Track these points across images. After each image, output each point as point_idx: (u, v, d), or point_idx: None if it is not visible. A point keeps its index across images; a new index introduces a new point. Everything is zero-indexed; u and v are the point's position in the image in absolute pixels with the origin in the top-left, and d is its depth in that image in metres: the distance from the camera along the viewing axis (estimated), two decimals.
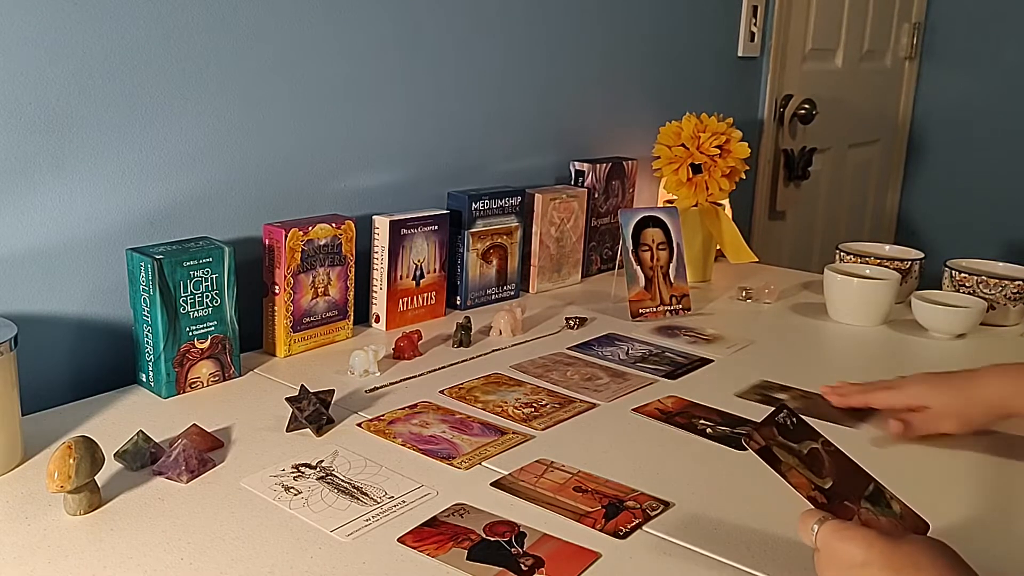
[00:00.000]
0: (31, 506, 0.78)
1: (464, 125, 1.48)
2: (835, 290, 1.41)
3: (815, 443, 0.69)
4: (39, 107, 0.98)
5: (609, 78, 1.77)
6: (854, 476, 0.69)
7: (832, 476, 0.68)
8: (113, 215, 1.06)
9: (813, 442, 0.69)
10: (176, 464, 0.83)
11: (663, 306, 1.40)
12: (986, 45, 2.88)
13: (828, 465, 0.68)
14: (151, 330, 1.01)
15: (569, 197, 1.54)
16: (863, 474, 0.69)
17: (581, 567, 0.71)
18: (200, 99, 1.12)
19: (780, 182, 2.39)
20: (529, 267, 1.52)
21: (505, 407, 1.02)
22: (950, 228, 3.00)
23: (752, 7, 2.11)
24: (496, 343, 1.25)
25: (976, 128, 2.94)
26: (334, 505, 0.79)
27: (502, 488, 0.83)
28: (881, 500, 0.68)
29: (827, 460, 0.68)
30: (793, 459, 0.67)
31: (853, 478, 0.68)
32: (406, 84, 1.37)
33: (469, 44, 1.46)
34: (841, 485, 0.67)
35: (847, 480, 0.68)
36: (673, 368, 1.18)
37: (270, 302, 1.15)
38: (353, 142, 1.32)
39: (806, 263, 2.55)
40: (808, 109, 2.35)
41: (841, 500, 0.66)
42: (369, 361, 1.10)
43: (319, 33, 1.24)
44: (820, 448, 0.69)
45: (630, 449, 0.93)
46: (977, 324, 1.35)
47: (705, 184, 1.57)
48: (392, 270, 1.28)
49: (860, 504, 0.66)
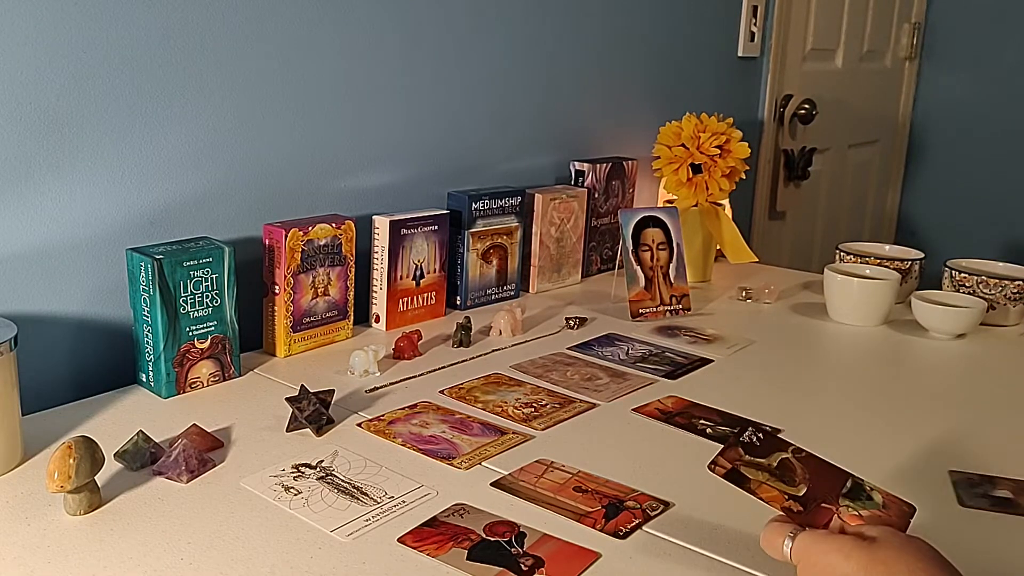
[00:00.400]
0: (31, 506, 0.78)
1: (464, 125, 1.49)
2: (835, 290, 1.41)
3: (784, 453, 0.69)
4: (39, 107, 0.98)
5: (609, 78, 1.77)
6: (829, 476, 0.68)
7: (806, 482, 0.67)
8: (113, 215, 1.06)
9: (783, 452, 0.69)
10: (176, 464, 0.83)
11: (663, 306, 1.40)
12: (986, 45, 2.88)
13: (800, 472, 0.68)
14: (151, 330, 1.01)
15: (569, 197, 1.54)
16: (839, 472, 0.68)
17: (581, 567, 0.71)
18: (200, 99, 1.12)
19: (780, 182, 2.39)
20: (529, 267, 1.52)
21: (505, 407, 1.02)
22: (950, 228, 3.00)
23: (752, 7, 2.11)
24: (496, 343, 1.25)
25: (976, 128, 2.94)
26: (334, 505, 0.79)
27: (502, 488, 0.83)
28: (861, 494, 0.67)
29: (799, 467, 0.68)
30: (763, 474, 0.67)
31: (829, 479, 0.68)
32: (406, 84, 1.37)
33: (469, 44, 1.46)
34: (817, 488, 0.67)
35: (823, 482, 0.67)
36: (673, 368, 1.18)
37: (270, 302, 1.15)
38: (353, 142, 1.32)
39: (806, 263, 2.55)
40: (808, 109, 2.35)
41: (819, 503, 0.66)
42: (369, 361, 1.10)
43: (319, 33, 1.24)
44: (791, 457, 0.69)
45: (630, 449, 0.93)
46: (977, 324, 1.35)
47: (705, 184, 1.57)
48: (392, 270, 1.28)
49: (839, 503, 0.66)
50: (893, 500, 0.68)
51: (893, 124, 3.01)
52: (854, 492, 0.67)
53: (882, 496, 0.68)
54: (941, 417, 1.05)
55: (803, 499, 0.66)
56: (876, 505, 0.67)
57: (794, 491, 0.66)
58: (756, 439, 0.69)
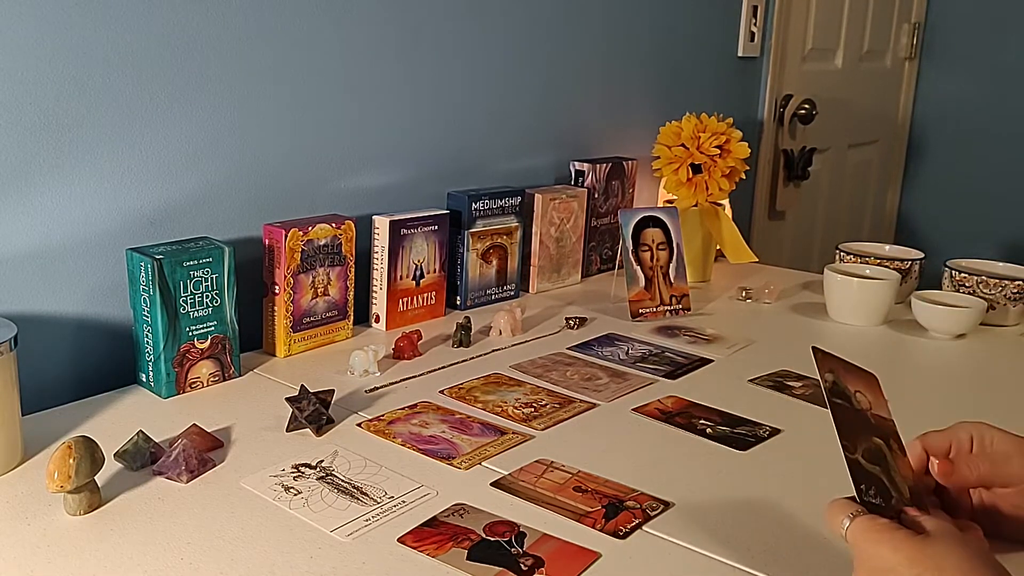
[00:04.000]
0: (31, 506, 0.78)
1: (464, 125, 1.49)
2: (835, 290, 1.41)
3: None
4: (39, 107, 0.98)
5: (609, 78, 1.77)
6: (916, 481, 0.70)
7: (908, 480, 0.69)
8: (113, 215, 1.06)
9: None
10: (176, 464, 0.83)
11: (663, 306, 1.40)
12: (986, 45, 2.88)
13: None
14: (151, 330, 1.01)
15: (569, 197, 1.54)
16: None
17: (581, 567, 0.71)
18: (200, 99, 1.12)
19: (780, 182, 2.39)
20: (529, 267, 1.52)
21: (505, 407, 1.02)
22: (950, 228, 3.00)
23: (752, 7, 2.11)
24: (496, 343, 1.25)
25: (976, 128, 2.94)
26: (334, 505, 0.79)
27: (502, 488, 0.83)
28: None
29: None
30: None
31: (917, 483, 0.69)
32: (406, 84, 1.37)
33: (469, 44, 1.46)
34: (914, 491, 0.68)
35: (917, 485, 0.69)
36: (673, 368, 1.18)
37: (270, 302, 1.15)
38: (353, 142, 1.32)
39: (806, 263, 2.54)
40: (808, 109, 2.35)
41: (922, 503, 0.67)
42: (369, 361, 1.10)
43: (319, 33, 1.24)
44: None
45: (630, 449, 0.93)
46: (977, 324, 1.35)
47: (705, 184, 1.57)
48: (392, 270, 1.28)
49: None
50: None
51: (893, 124, 3.01)
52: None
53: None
54: (941, 417, 1.05)
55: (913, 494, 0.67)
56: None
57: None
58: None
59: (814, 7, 2.37)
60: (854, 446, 0.66)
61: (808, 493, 0.85)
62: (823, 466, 0.91)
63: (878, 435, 0.69)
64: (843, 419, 0.67)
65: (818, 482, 0.85)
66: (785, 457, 0.93)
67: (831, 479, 0.88)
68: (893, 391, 1.14)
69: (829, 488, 0.69)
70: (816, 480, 0.87)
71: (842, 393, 0.70)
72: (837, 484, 0.87)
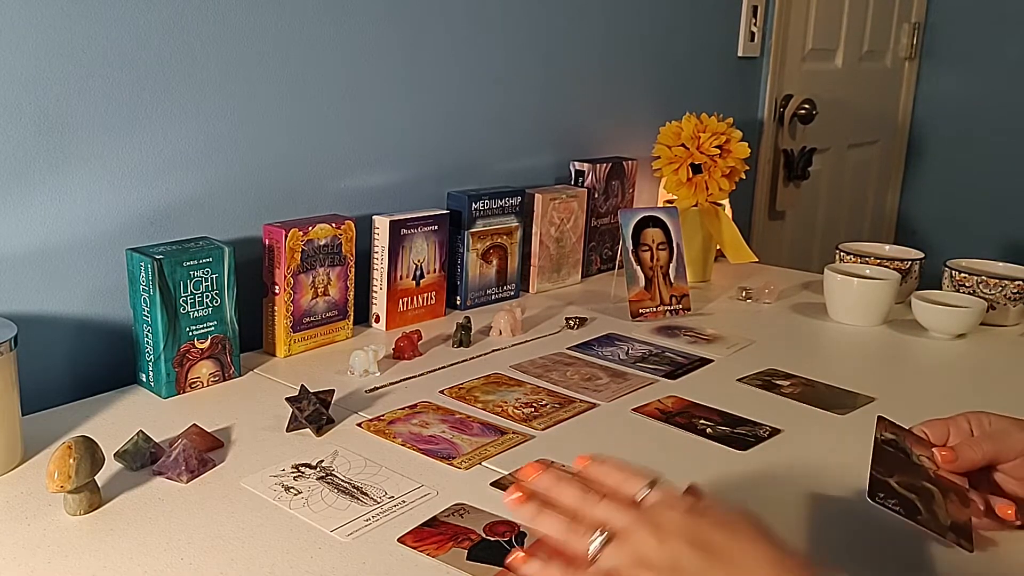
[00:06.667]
0: (31, 506, 0.78)
1: (464, 125, 1.48)
2: (835, 290, 1.41)
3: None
4: (38, 107, 0.98)
5: (609, 78, 1.77)
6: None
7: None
8: (113, 215, 1.06)
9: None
10: (176, 464, 0.83)
11: (663, 306, 1.40)
12: (986, 45, 2.88)
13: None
14: (151, 330, 1.01)
15: (569, 197, 1.54)
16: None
17: None
18: (200, 99, 1.12)
19: (780, 182, 2.39)
20: (529, 267, 1.52)
21: (505, 407, 1.02)
22: (950, 228, 3.00)
23: (752, 7, 2.11)
24: (496, 343, 1.25)
25: (976, 128, 2.94)
26: (334, 505, 0.79)
27: (502, 488, 0.83)
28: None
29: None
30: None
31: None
32: (406, 84, 1.37)
33: (469, 44, 1.46)
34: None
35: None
36: (673, 368, 1.18)
37: (270, 302, 1.15)
38: (353, 142, 1.32)
39: (806, 263, 2.54)
40: (808, 109, 2.35)
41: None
42: (369, 361, 1.10)
43: (319, 33, 1.24)
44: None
45: (630, 449, 0.93)
46: (977, 324, 1.35)
47: (705, 184, 1.57)
48: (392, 270, 1.28)
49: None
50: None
51: (893, 124, 3.01)
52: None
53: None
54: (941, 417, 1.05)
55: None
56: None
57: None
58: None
59: (814, 7, 2.37)
60: (889, 472, 0.68)
61: (808, 493, 0.85)
62: (823, 466, 0.91)
63: (932, 483, 0.72)
64: (883, 455, 0.69)
65: (818, 482, 0.85)
66: (785, 457, 0.93)
67: (831, 479, 0.88)
68: (893, 391, 1.14)
69: (829, 488, 0.69)
70: (816, 480, 0.87)
71: (896, 444, 0.72)
72: (837, 484, 0.87)
